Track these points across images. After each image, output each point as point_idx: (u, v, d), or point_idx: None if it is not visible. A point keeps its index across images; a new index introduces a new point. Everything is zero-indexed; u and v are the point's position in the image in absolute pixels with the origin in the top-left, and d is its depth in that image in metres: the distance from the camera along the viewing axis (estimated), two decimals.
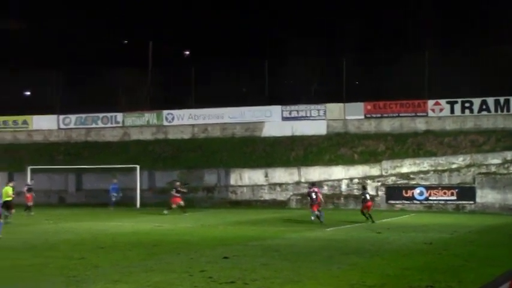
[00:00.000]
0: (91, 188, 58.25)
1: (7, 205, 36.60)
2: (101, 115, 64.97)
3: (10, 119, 66.79)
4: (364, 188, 41.69)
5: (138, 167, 54.27)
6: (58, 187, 58.87)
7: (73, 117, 65.59)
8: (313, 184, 41.83)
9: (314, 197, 37.67)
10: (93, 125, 65.15)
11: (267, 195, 53.92)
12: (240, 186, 55.31)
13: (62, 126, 65.87)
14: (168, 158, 60.34)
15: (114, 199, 51.84)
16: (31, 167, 54.42)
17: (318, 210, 37.33)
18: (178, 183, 46.78)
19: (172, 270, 18.95)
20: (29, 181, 50.19)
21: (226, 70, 64.82)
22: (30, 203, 44.58)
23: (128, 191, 53.11)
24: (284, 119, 59.52)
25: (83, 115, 65.30)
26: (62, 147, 64.40)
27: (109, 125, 64.82)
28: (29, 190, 45.98)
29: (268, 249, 24.00)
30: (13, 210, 37.62)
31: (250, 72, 65.26)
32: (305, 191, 45.41)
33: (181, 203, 44.89)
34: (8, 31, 78.65)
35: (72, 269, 19.16)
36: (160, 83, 70.80)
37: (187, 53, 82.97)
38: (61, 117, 65.92)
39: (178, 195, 45.14)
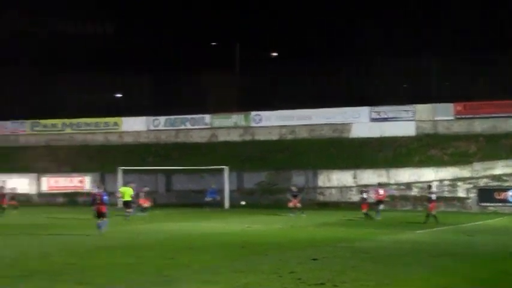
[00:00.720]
0: (181, 189, 59.09)
1: (127, 204, 40.01)
2: (189, 116, 65.84)
3: (101, 120, 68.34)
4: (429, 187, 41.11)
5: (226, 168, 54.66)
6: (148, 188, 59.67)
7: (162, 119, 66.69)
8: (379, 184, 44.60)
9: (365, 197, 41.29)
10: (182, 127, 66.06)
11: (355, 197, 53.59)
12: (328, 187, 55.17)
13: (151, 127, 67.00)
14: (256, 159, 60.57)
15: (207, 200, 52.14)
16: (122, 167, 55.48)
17: (375, 210, 40.62)
18: (294, 188, 46.91)
19: (261, 271, 18.99)
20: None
21: (313, 71, 64.74)
22: (146, 205, 45.87)
23: None
24: (372, 120, 59.21)
25: (172, 117, 66.30)
26: (152, 149, 65.43)
27: (197, 126, 65.59)
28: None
29: (358, 251, 23.85)
30: (130, 210, 40.32)
31: (338, 73, 65.00)
32: (394, 192, 48.10)
33: (298, 205, 45.09)
34: (100, 35, 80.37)
35: (163, 269, 19.44)
36: (247, 84, 71.18)
37: (275, 54, 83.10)
38: (151, 118, 67.06)
39: (293, 198, 45.40)
